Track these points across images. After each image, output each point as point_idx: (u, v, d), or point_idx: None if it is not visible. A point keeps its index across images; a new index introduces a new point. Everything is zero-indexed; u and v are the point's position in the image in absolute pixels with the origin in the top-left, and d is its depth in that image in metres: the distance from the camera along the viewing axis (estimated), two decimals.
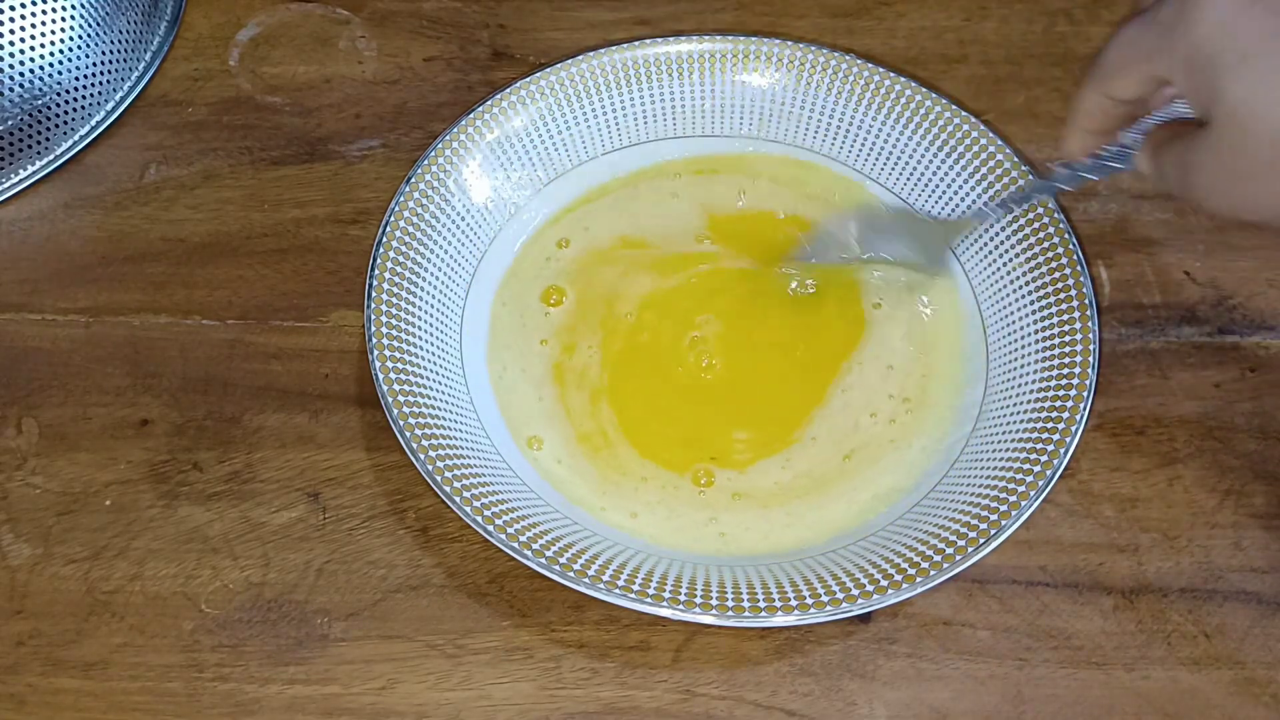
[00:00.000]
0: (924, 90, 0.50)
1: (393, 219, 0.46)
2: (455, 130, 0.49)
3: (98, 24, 0.54)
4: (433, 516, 0.44)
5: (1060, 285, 0.45)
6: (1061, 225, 0.46)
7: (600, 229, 0.51)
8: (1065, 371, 0.43)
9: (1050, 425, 0.41)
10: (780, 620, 0.38)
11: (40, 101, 0.52)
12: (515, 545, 0.39)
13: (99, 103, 0.54)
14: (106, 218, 0.52)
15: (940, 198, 0.49)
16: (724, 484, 0.44)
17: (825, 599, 0.38)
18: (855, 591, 0.38)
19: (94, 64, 0.54)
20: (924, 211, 0.49)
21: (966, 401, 0.45)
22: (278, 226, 0.52)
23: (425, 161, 0.48)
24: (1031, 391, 0.43)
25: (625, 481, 0.44)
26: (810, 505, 0.43)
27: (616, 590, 0.38)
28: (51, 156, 0.53)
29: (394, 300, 0.45)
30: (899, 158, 0.50)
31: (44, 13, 0.52)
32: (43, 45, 0.52)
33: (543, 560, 0.38)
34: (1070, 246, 0.45)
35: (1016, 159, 0.48)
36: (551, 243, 0.50)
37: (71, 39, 0.53)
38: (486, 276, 0.49)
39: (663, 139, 0.52)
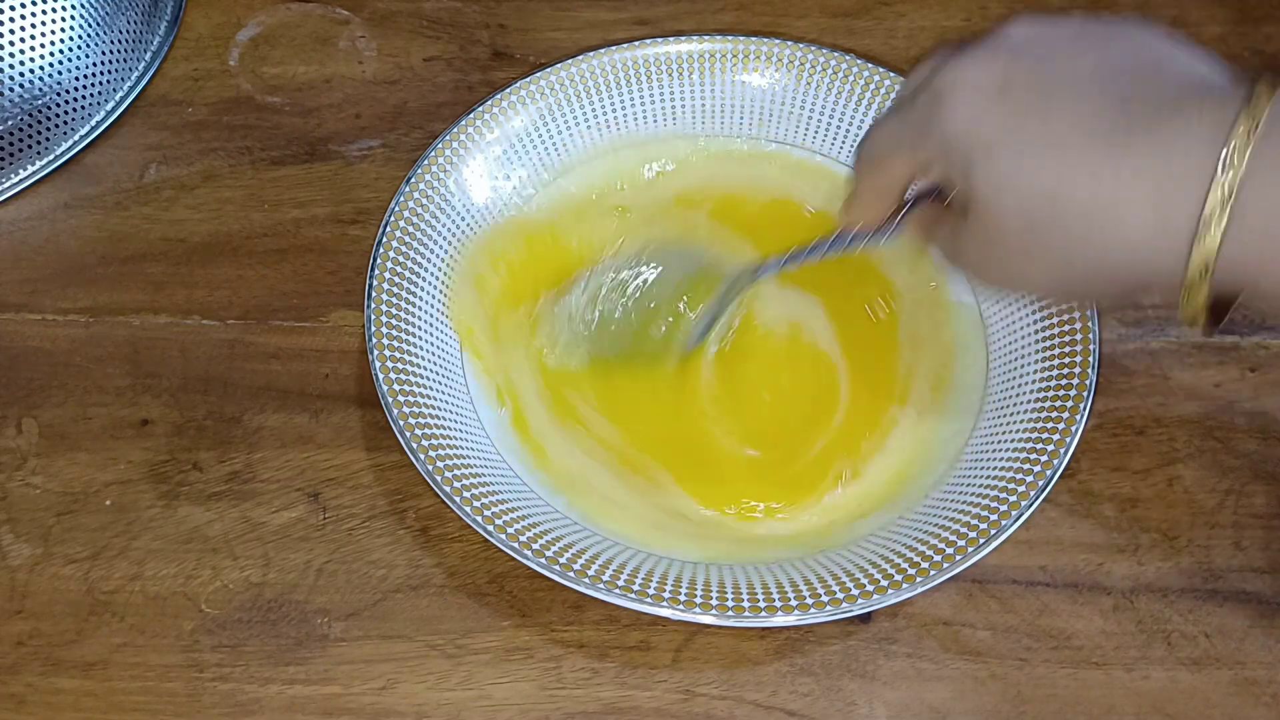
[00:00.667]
0: None
1: (393, 219, 0.47)
2: (455, 130, 0.49)
3: (98, 24, 0.54)
4: (433, 516, 0.44)
5: None
6: None
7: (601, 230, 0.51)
8: (1065, 371, 0.43)
9: (1050, 425, 0.41)
10: (780, 620, 0.38)
11: (40, 101, 0.52)
12: (515, 545, 0.39)
13: (99, 103, 0.54)
14: (106, 218, 0.52)
15: None
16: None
17: (825, 599, 0.38)
18: (855, 591, 0.38)
19: (94, 64, 0.54)
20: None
21: (966, 401, 0.45)
22: (278, 226, 0.52)
23: (425, 161, 0.48)
24: (1031, 391, 0.43)
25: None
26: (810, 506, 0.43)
27: (616, 590, 0.38)
28: (51, 156, 0.53)
29: (394, 300, 0.45)
30: None
31: (44, 13, 0.52)
32: (43, 45, 0.52)
33: (543, 560, 0.39)
34: None
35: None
36: (552, 243, 0.50)
37: (71, 39, 0.53)
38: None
39: (662, 139, 0.52)
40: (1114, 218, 0.31)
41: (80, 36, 0.53)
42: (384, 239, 0.46)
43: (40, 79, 0.52)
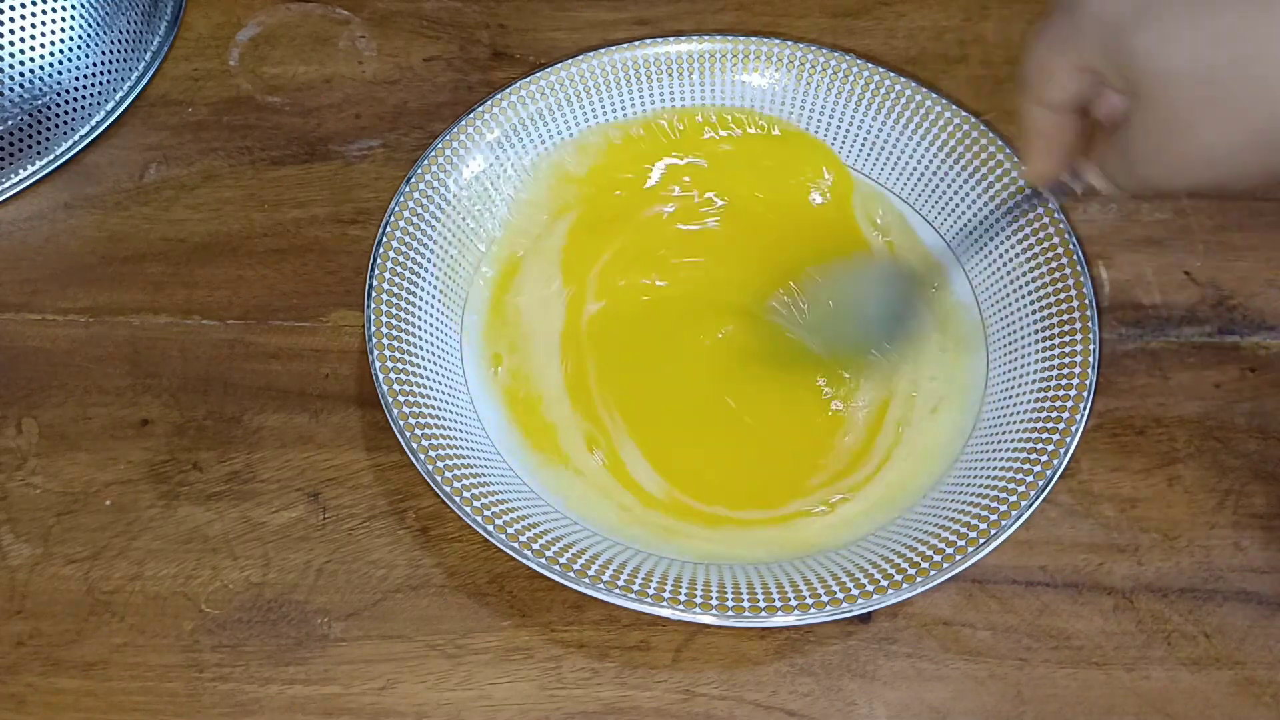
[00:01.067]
0: (924, 90, 0.50)
1: (393, 219, 0.46)
2: (455, 130, 0.49)
3: (98, 24, 0.54)
4: (433, 516, 0.44)
5: (1060, 285, 0.45)
6: (1061, 225, 0.46)
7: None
8: (1065, 371, 0.43)
9: (1050, 425, 0.41)
10: (780, 620, 0.38)
11: (40, 101, 0.52)
12: (515, 545, 0.39)
13: (99, 103, 0.54)
14: (106, 218, 0.52)
15: (940, 198, 0.49)
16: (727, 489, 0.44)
17: (825, 599, 0.38)
18: (855, 591, 0.38)
19: (94, 64, 0.54)
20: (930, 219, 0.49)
21: (966, 401, 0.45)
22: (278, 226, 0.52)
23: (425, 161, 0.48)
24: (1031, 391, 0.43)
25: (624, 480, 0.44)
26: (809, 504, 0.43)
27: (616, 590, 0.38)
28: (51, 156, 0.53)
29: (394, 300, 0.45)
30: (899, 157, 0.50)
31: (44, 13, 0.52)
32: (43, 45, 0.52)
33: (543, 560, 0.38)
34: (1070, 246, 0.45)
35: (1016, 159, 0.48)
36: (552, 243, 0.50)
37: (71, 39, 0.53)
38: (487, 277, 0.49)
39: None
40: None
41: (80, 36, 0.53)
42: (384, 239, 0.46)
43: (40, 79, 0.52)
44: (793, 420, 0.45)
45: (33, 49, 0.52)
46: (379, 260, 0.45)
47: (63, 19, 0.53)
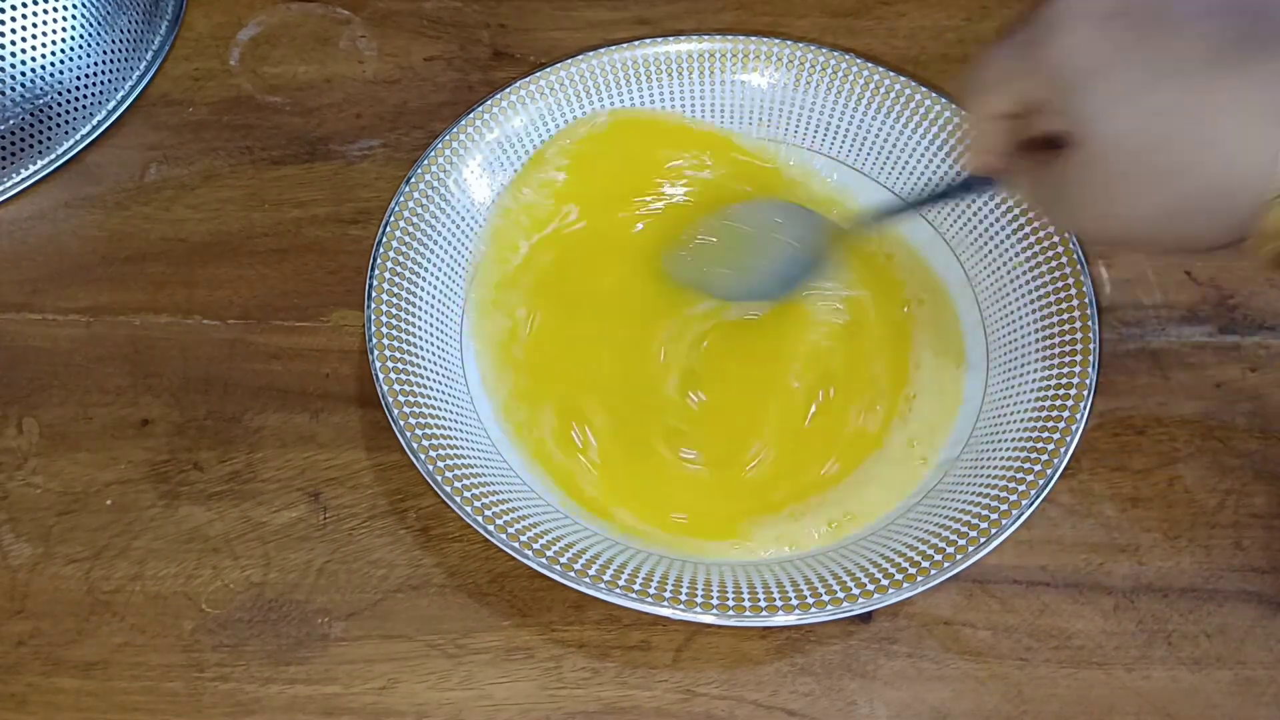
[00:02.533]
0: (924, 90, 0.50)
1: (393, 219, 0.47)
2: (455, 130, 0.49)
3: (98, 24, 0.54)
4: (433, 516, 0.44)
5: (1060, 285, 0.45)
6: None
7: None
8: (1065, 371, 0.43)
9: (1050, 425, 0.41)
10: (780, 620, 0.38)
11: (41, 101, 0.52)
12: (515, 545, 0.39)
13: (100, 102, 0.54)
14: (107, 217, 0.52)
15: None
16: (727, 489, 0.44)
17: (825, 599, 0.38)
18: (855, 591, 0.38)
19: (95, 63, 0.54)
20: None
21: (967, 401, 0.45)
22: (278, 226, 0.52)
23: (425, 161, 0.48)
24: (1031, 391, 0.43)
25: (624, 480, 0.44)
26: (810, 506, 0.43)
27: (617, 590, 0.38)
28: (52, 156, 0.53)
29: (394, 300, 0.45)
30: (899, 158, 0.50)
31: (45, 12, 0.52)
32: (44, 45, 0.52)
33: (543, 560, 0.39)
34: (1070, 246, 0.45)
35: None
36: (553, 243, 0.50)
37: (72, 39, 0.53)
38: (486, 276, 0.49)
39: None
40: (1229, 141, 0.30)
41: (81, 36, 0.53)
42: (384, 239, 0.46)
43: (41, 78, 0.52)
44: (792, 420, 0.45)
45: (34, 48, 0.52)
46: (379, 260, 0.45)
47: (63, 18, 0.53)
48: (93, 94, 0.54)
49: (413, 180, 0.48)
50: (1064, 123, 0.33)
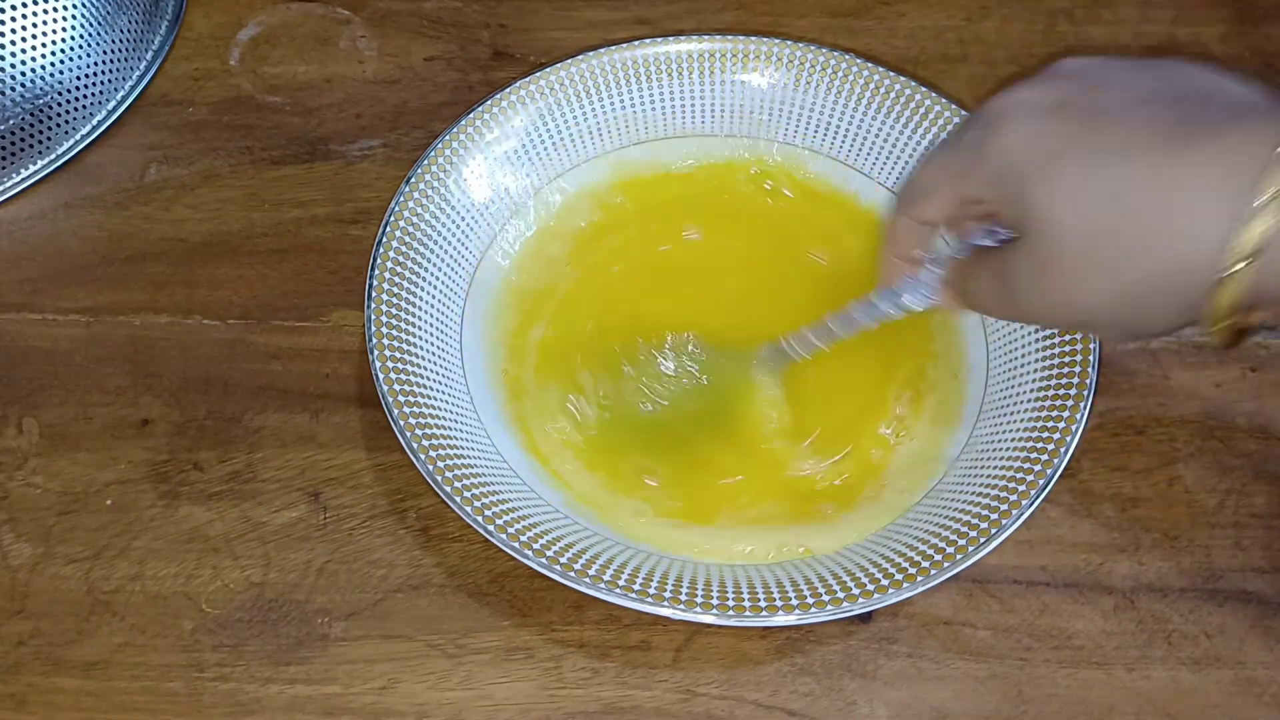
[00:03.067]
0: (924, 90, 0.50)
1: (393, 219, 0.46)
2: (455, 130, 0.49)
3: (98, 24, 0.54)
4: (433, 516, 0.44)
5: None
6: None
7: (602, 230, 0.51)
8: (1065, 371, 0.43)
9: (1050, 425, 0.41)
10: (780, 620, 0.38)
11: (41, 101, 0.52)
12: (516, 545, 0.39)
13: (100, 102, 0.54)
14: (107, 217, 0.52)
15: None
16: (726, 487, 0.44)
17: (825, 599, 0.38)
18: (855, 591, 0.38)
19: (95, 63, 0.54)
20: None
21: (967, 401, 0.45)
22: (278, 226, 0.52)
23: (425, 161, 0.48)
24: (1031, 391, 0.43)
25: (627, 481, 0.44)
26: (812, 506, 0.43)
27: (617, 590, 0.38)
28: (52, 156, 0.53)
29: (394, 300, 0.45)
30: (899, 158, 0.50)
31: (45, 12, 0.52)
32: (44, 45, 0.52)
33: (543, 560, 0.38)
34: None
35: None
36: (552, 243, 0.50)
37: (72, 39, 0.53)
38: (486, 276, 0.49)
39: (663, 138, 0.52)
40: (1178, 221, 0.30)
41: (81, 36, 0.53)
42: (384, 239, 0.46)
43: (41, 78, 0.52)
44: (792, 422, 0.45)
45: (34, 49, 0.52)
46: (379, 260, 0.45)
47: (63, 19, 0.53)
48: (93, 94, 0.54)
49: (413, 180, 0.48)
50: (1010, 216, 0.34)
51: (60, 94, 0.53)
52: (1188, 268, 0.30)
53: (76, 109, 0.54)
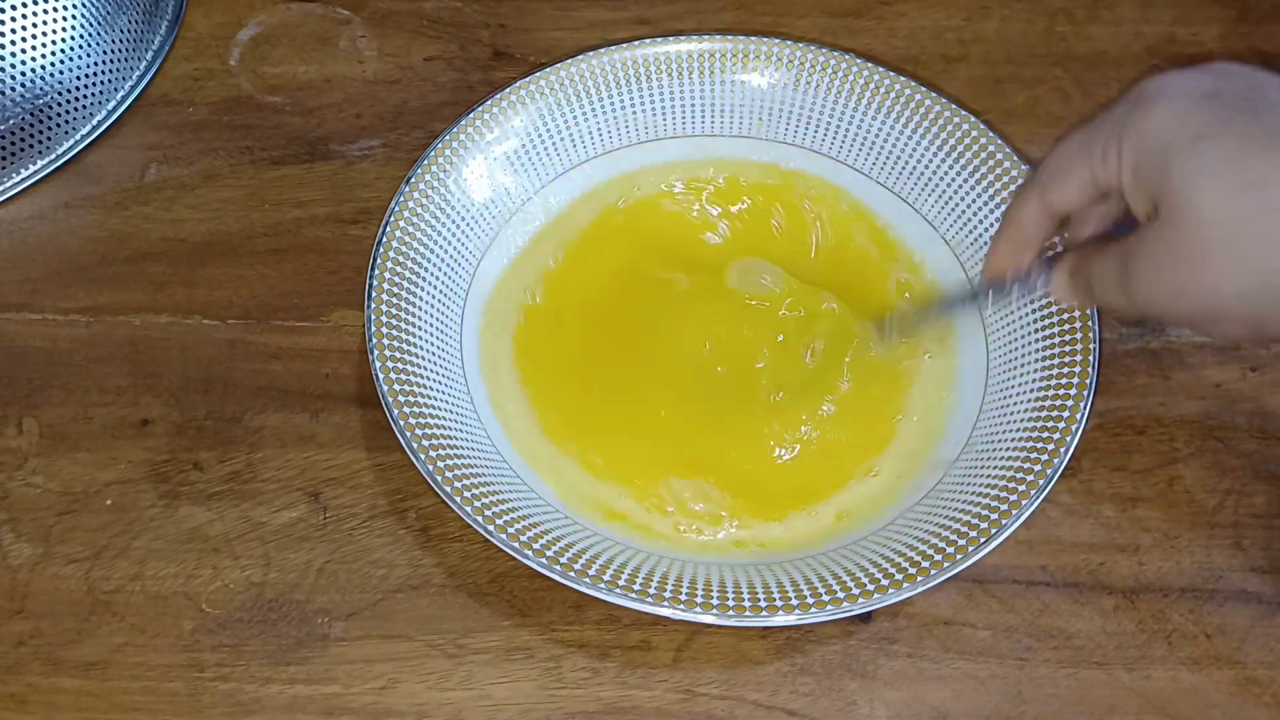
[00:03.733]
0: (924, 90, 0.50)
1: (393, 219, 0.46)
2: (455, 130, 0.49)
3: (98, 24, 0.54)
4: (433, 516, 0.44)
5: None
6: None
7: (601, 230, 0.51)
8: (1065, 371, 0.43)
9: (1050, 425, 0.41)
10: (780, 620, 0.38)
11: (41, 101, 0.52)
12: (516, 545, 0.39)
13: (100, 102, 0.54)
14: (107, 217, 0.52)
15: (940, 198, 0.49)
16: (725, 485, 0.44)
17: (825, 599, 0.38)
18: (855, 591, 0.38)
19: (95, 63, 0.54)
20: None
21: (967, 401, 0.45)
22: (278, 226, 0.52)
23: (425, 161, 0.48)
24: (1031, 391, 0.43)
25: (626, 481, 0.44)
26: (809, 506, 0.43)
27: (617, 590, 0.38)
28: (52, 156, 0.53)
29: (394, 300, 0.45)
30: (899, 158, 0.50)
31: (45, 12, 0.52)
32: (44, 45, 0.52)
33: (543, 560, 0.38)
34: None
35: (1016, 159, 0.48)
36: (552, 243, 0.50)
37: (72, 39, 0.53)
38: (486, 276, 0.49)
39: (663, 139, 0.52)
40: None
41: (81, 36, 0.53)
42: (384, 239, 0.46)
43: (41, 78, 0.52)
44: (791, 422, 0.45)
45: (34, 49, 0.52)
46: (379, 260, 0.45)
47: (63, 19, 0.53)
48: (93, 94, 0.54)
49: (413, 180, 0.48)
50: (1146, 200, 0.33)
51: (60, 94, 0.53)
52: None
53: (76, 109, 0.54)
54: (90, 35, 0.54)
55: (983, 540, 0.39)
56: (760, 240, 0.50)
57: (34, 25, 0.52)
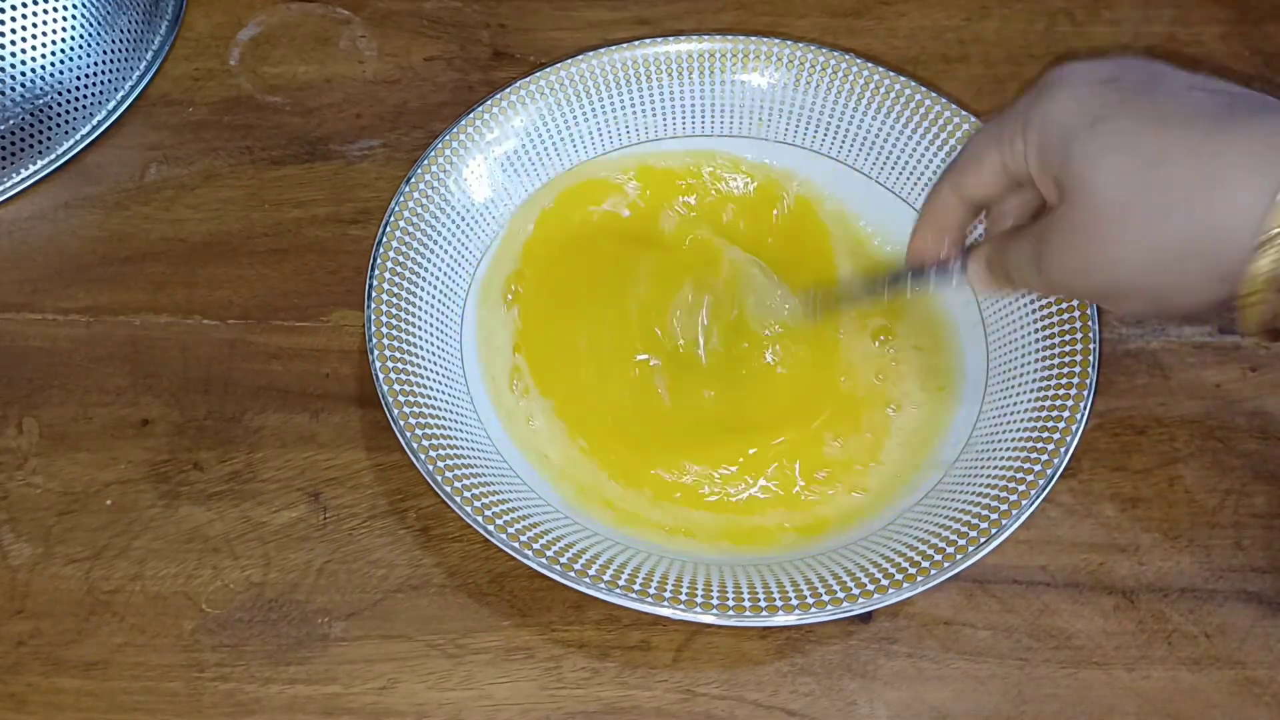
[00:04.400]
0: (924, 90, 0.50)
1: (393, 219, 0.46)
2: (455, 130, 0.49)
3: (98, 24, 0.54)
4: (433, 516, 0.44)
5: None
6: None
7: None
8: (1065, 371, 0.43)
9: (1050, 425, 0.41)
10: (780, 620, 0.38)
11: (41, 101, 0.52)
12: (515, 545, 0.39)
13: (100, 102, 0.54)
14: (107, 217, 0.52)
15: None
16: (725, 485, 0.44)
17: (825, 599, 0.38)
18: (855, 591, 0.38)
19: (95, 63, 0.54)
20: None
21: (967, 400, 0.45)
22: (278, 226, 0.52)
23: (425, 161, 0.48)
24: (1032, 391, 0.43)
25: (627, 481, 0.44)
26: (809, 506, 0.43)
27: (617, 590, 0.38)
28: (52, 156, 0.53)
29: (394, 300, 0.45)
30: (899, 158, 0.50)
31: (45, 12, 0.52)
32: (44, 45, 0.52)
33: (543, 560, 0.38)
34: None
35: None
36: (552, 242, 0.50)
37: (72, 39, 0.53)
38: (487, 276, 0.49)
39: (663, 139, 0.52)
40: (1218, 188, 0.31)
41: (81, 36, 0.53)
42: (384, 239, 0.46)
43: (41, 78, 0.52)
44: (790, 422, 0.45)
45: (34, 49, 0.52)
46: (379, 260, 0.45)
47: (63, 19, 0.53)
48: (93, 94, 0.54)
49: (413, 180, 0.48)
50: (1051, 184, 0.34)
51: (60, 94, 0.53)
52: (1225, 233, 0.31)
53: (76, 109, 0.54)
54: (90, 35, 0.54)
55: (983, 540, 0.39)
56: (759, 237, 0.50)
57: (34, 25, 0.52)
